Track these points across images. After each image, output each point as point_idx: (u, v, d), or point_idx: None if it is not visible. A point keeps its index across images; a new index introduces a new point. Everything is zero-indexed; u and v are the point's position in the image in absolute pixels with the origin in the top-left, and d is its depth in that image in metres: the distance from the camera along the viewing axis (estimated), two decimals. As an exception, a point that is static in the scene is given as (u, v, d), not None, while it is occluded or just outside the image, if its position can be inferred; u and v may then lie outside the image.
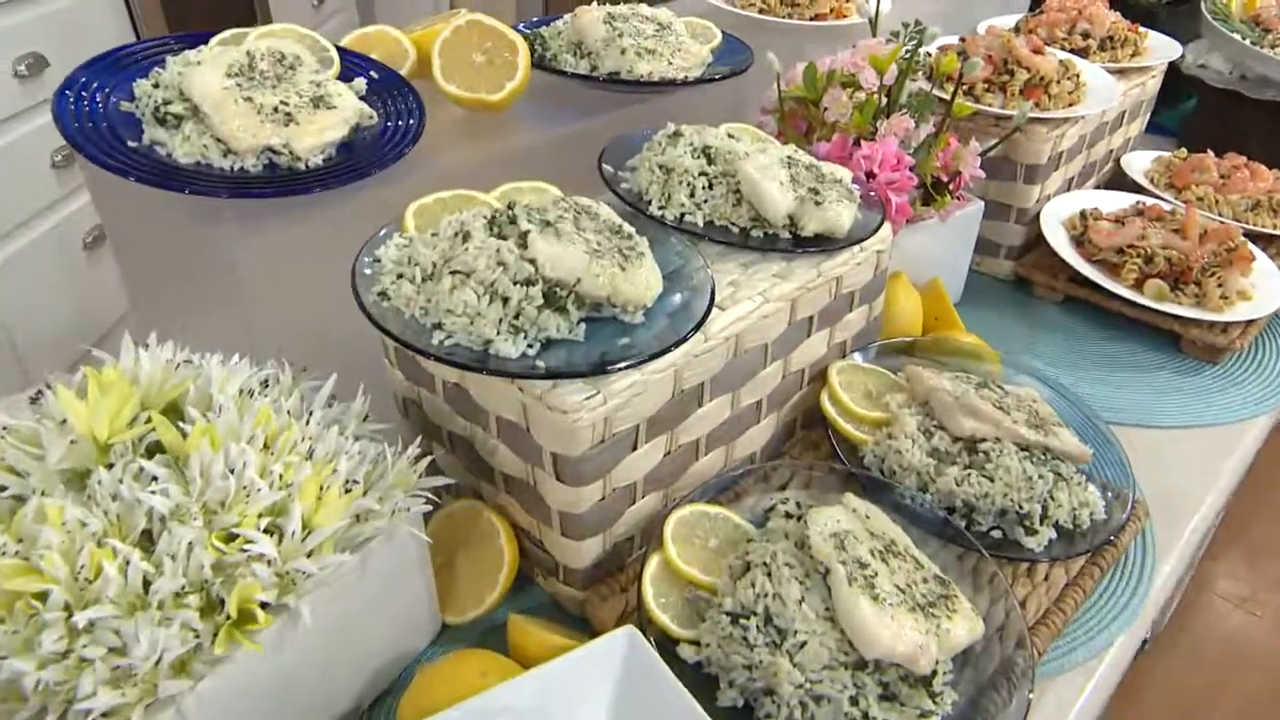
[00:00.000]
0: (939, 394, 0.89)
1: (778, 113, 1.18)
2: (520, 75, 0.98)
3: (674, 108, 1.13)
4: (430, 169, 0.94)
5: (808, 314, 0.89)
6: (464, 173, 0.96)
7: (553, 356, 0.70)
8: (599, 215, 0.81)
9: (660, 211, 0.88)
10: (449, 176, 0.95)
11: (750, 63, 1.16)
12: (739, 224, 0.90)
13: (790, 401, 0.94)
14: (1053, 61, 1.29)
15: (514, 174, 0.93)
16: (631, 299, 0.74)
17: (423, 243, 0.76)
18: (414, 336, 0.69)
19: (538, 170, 1.01)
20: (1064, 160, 1.34)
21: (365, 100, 0.94)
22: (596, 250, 0.74)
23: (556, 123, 1.04)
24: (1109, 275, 1.25)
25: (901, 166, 1.10)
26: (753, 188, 0.88)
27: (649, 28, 1.10)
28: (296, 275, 0.82)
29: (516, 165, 1.00)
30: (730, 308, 0.81)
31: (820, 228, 0.89)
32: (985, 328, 1.26)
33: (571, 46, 1.09)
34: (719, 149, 0.92)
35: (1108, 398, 1.13)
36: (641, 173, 0.92)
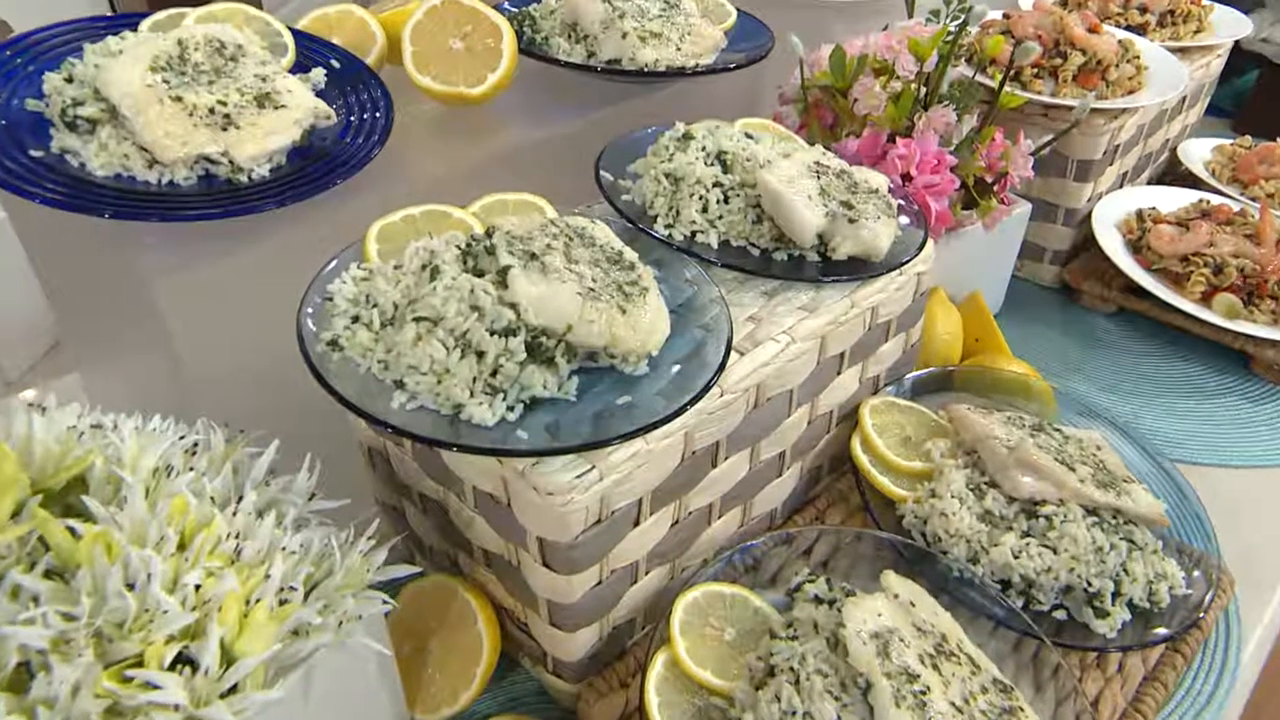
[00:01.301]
0: (990, 444, 0.79)
1: (800, 103, 1.05)
2: (504, 65, 0.86)
3: (683, 99, 1.01)
4: (399, 177, 0.82)
5: (838, 350, 0.78)
6: (439, 181, 0.84)
7: (538, 422, 0.59)
8: (595, 240, 0.70)
9: (667, 230, 0.77)
10: (421, 186, 0.84)
11: (770, 47, 1.04)
12: (760, 244, 0.78)
13: (816, 447, 0.83)
14: (1111, 42, 1.17)
15: (498, 181, 0.82)
16: (633, 349, 0.63)
17: (384, 276, 0.65)
18: (369, 398, 0.58)
19: (526, 176, 0.89)
20: (1119, 154, 1.22)
21: (323, 95, 0.83)
22: (592, 289, 0.63)
23: (547, 119, 0.92)
24: (1171, 287, 1.13)
25: (942, 168, 0.98)
26: (776, 203, 0.77)
27: (654, 6, 0.98)
28: (236, 311, 0.71)
29: (501, 170, 0.88)
30: (750, 351, 0.70)
31: (855, 250, 0.77)
32: (1029, 344, 1.15)
33: (565, 28, 0.97)
34: (736, 155, 0.81)
35: (1170, 430, 1.02)
36: (646, 183, 0.80)
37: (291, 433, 0.62)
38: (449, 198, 0.77)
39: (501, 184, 0.82)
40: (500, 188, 0.81)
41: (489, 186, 0.81)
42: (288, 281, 0.67)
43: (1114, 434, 0.90)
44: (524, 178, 0.87)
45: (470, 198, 0.78)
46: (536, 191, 0.81)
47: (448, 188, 0.83)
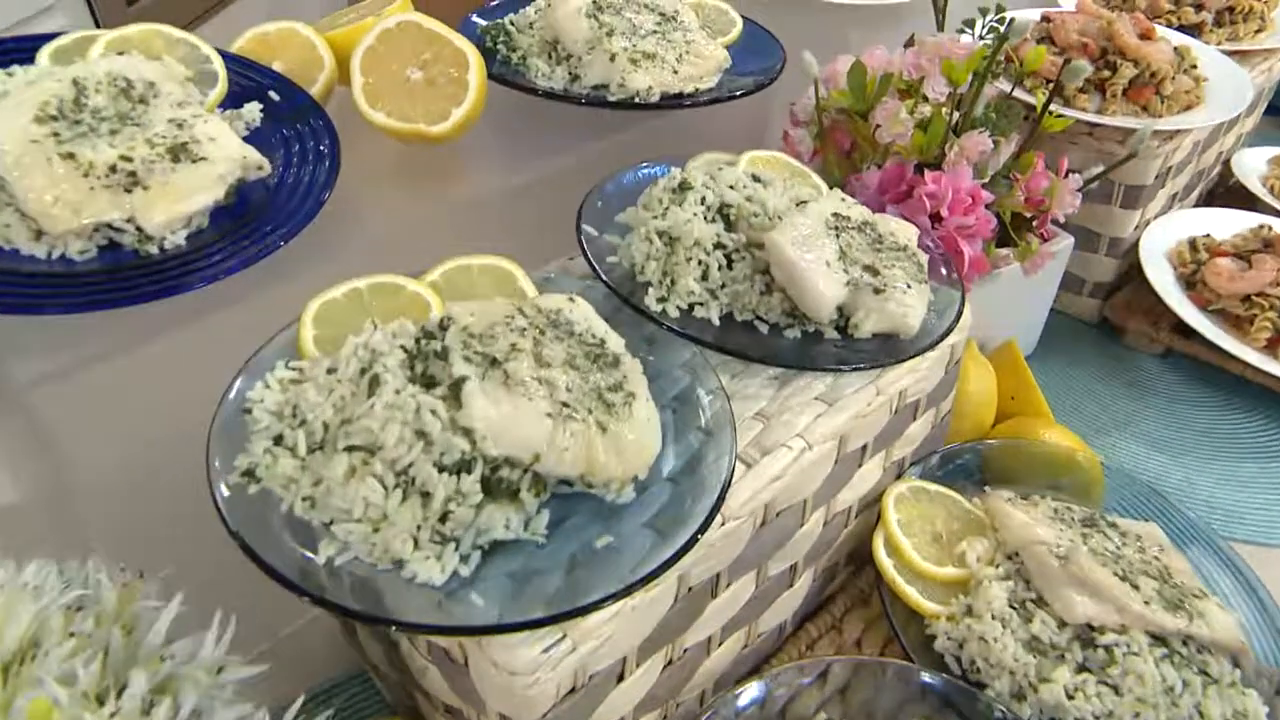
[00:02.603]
0: (1037, 551, 0.69)
1: (814, 126, 0.94)
2: (471, 99, 0.74)
3: (681, 128, 0.90)
4: (347, 236, 0.72)
5: (860, 444, 0.68)
6: (395, 238, 0.74)
7: (498, 574, 0.50)
8: (573, 327, 0.59)
9: (660, 305, 0.66)
10: (373, 246, 0.73)
11: (780, 68, 0.92)
12: (769, 318, 0.68)
13: (833, 545, 0.73)
14: (1166, 50, 1.05)
15: (465, 235, 0.72)
16: (615, 476, 0.53)
17: (316, 383, 0.55)
18: (286, 553, 0.49)
19: (498, 226, 0.79)
20: (1171, 175, 1.10)
21: (257, 137, 0.72)
22: (565, 405, 0.52)
23: (523, 158, 0.82)
24: (1231, 331, 1.03)
25: (977, 206, 0.88)
26: (789, 274, 0.66)
27: (648, 20, 0.86)
28: (137, 418, 0.61)
29: (469, 220, 0.78)
30: (758, 463, 0.60)
31: (881, 327, 0.67)
32: (1066, 391, 1.05)
33: (545, 47, 0.86)
34: (741, 208, 0.70)
35: (1231, 501, 0.92)
36: (636, 243, 0.70)
37: (210, 560, 0.52)
38: (406, 258, 0.67)
39: (469, 237, 0.72)
40: (467, 243, 0.70)
41: (454, 242, 0.70)
42: (201, 381, 0.57)
43: (1172, 521, 0.80)
44: (496, 228, 0.77)
45: (431, 260, 0.68)
46: (510, 245, 0.71)
47: (405, 246, 0.72)
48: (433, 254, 0.68)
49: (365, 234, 0.72)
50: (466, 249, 0.69)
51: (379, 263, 0.66)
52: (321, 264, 0.68)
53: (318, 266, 0.68)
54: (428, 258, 0.68)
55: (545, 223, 0.76)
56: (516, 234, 0.76)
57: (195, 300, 0.62)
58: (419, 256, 0.68)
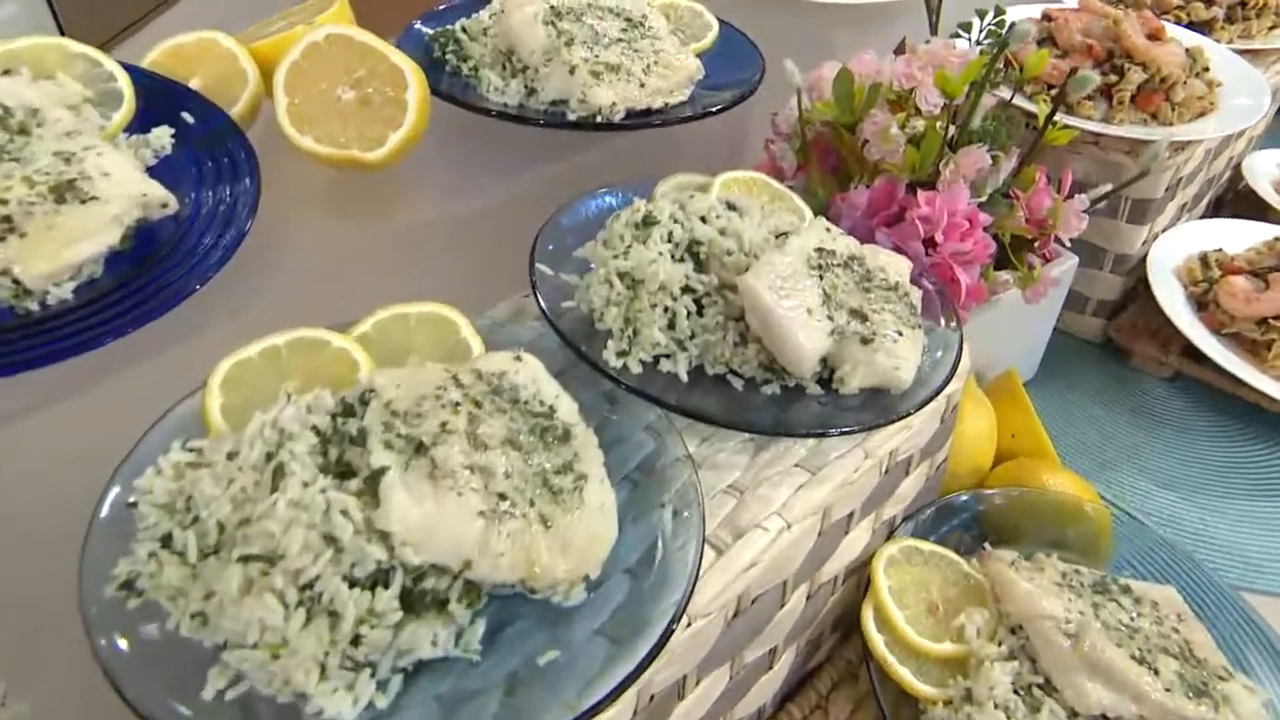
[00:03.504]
0: (1043, 628, 0.62)
1: (798, 140, 0.87)
2: (410, 122, 0.67)
3: (651, 146, 0.83)
4: (269, 277, 0.65)
5: (846, 512, 0.62)
6: (325, 278, 0.67)
7: (423, 700, 0.43)
8: (518, 394, 0.53)
9: (620, 360, 0.59)
10: (301, 288, 0.66)
11: (758, 78, 0.85)
12: (744, 372, 0.61)
13: (818, 618, 0.67)
14: (1177, 53, 0.98)
15: (405, 274, 0.65)
16: (561, 580, 0.46)
17: (214, 469, 0.48)
18: (169, 681, 0.42)
19: (443, 263, 0.72)
20: (1181, 186, 1.04)
21: (166, 167, 0.65)
22: (503, 498, 0.46)
23: (471, 184, 0.74)
24: (1246, 357, 0.96)
25: (975, 230, 0.81)
26: (765, 322, 0.59)
27: (613, 27, 0.79)
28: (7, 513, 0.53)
29: (410, 258, 0.70)
30: (730, 548, 0.53)
31: (869, 381, 0.60)
32: (1068, 420, 0.99)
33: (499, 57, 0.78)
34: (714, 244, 0.63)
35: (1250, 547, 0.86)
36: (595, 287, 0.63)
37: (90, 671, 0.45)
38: (337, 303, 0.60)
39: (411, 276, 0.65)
40: (408, 282, 0.64)
41: (393, 281, 0.64)
42: (88, 461, 0.50)
43: (1189, 578, 0.74)
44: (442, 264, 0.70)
45: (366, 304, 0.60)
46: (458, 283, 0.65)
47: (336, 289, 0.65)
48: (369, 296, 0.61)
49: (290, 277, 0.65)
50: (408, 289, 0.62)
51: (305, 310, 0.59)
52: (237, 315, 0.61)
53: (232, 318, 0.60)
54: (363, 301, 0.61)
55: (498, 255, 0.69)
56: (465, 269, 0.69)
57: (84, 363, 0.54)
58: (352, 300, 0.61)
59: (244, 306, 0.61)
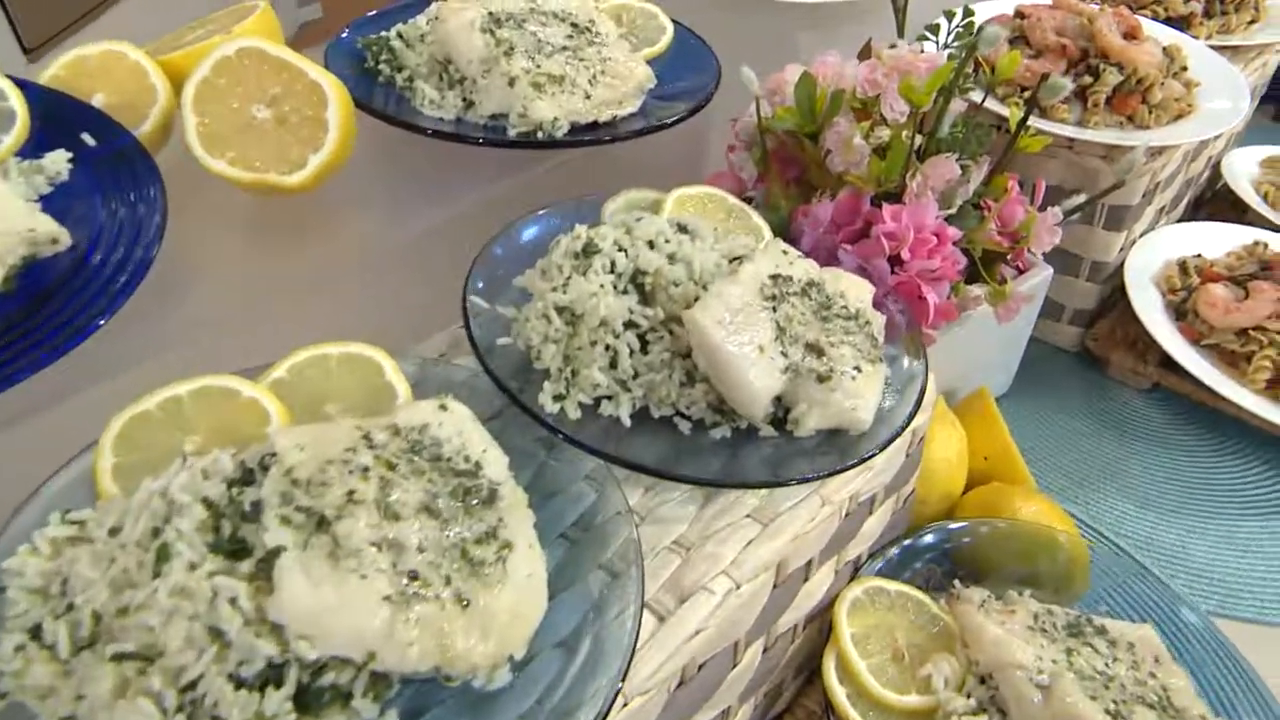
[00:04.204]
0: (1014, 679, 0.59)
1: (758, 150, 0.83)
2: (332, 142, 0.62)
3: (600, 161, 0.78)
4: (175, 315, 0.60)
5: (803, 561, 0.58)
6: (240, 315, 0.62)
7: (323, 809, 0.39)
8: (442, 450, 0.48)
9: (557, 404, 0.55)
10: (212, 326, 0.61)
11: (714, 87, 0.81)
12: (692, 414, 0.57)
13: (776, 670, 0.63)
14: (1154, 53, 0.95)
15: (330, 308, 0.60)
16: (481, 664, 0.42)
17: (95, 549, 0.43)
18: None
19: (372, 294, 0.67)
20: (1159, 190, 1.01)
21: (64, 194, 0.59)
22: (413, 580, 0.41)
23: (407, 206, 0.70)
24: (1226, 369, 0.93)
25: (943, 245, 0.77)
26: (713, 361, 0.55)
27: (557, 34, 0.74)
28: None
29: (336, 290, 0.66)
30: (673, 614, 0.49)
31: (826, 422, 0.57)
32: (1043, 435, 0.96)
33: (436, 67, 0.74)
34: (661, 274, 0.59)
35: (1229, 570, 0.83)
36: (532, 322, 0.58)
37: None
38: (252, 345, 0.56)
39: (337, 310, 0.60)
40: (334, 318, 0.59)
41: (316, 316, 0.59)
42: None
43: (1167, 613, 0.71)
44: (371, 296, 0.66)
45: (286, 343, 0.56)
46: (389, 315, 0.60)
47: (252, 329, 0.61)
48: (288, 335, 0.57)
49: (199, 316, 0.60)
50: (333, 326, 0.58)
51: (216, 353, 0.55)
52: (137, 361, 0.56)
53: (131, 365, 0.56)
54: (282, 341, 0.56)
55: (435, 284, 0.64)
56: (399, 301, 0.65)
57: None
58: (270, 340, 0.56)
59: (145, 351, 0.56)
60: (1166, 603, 0.73)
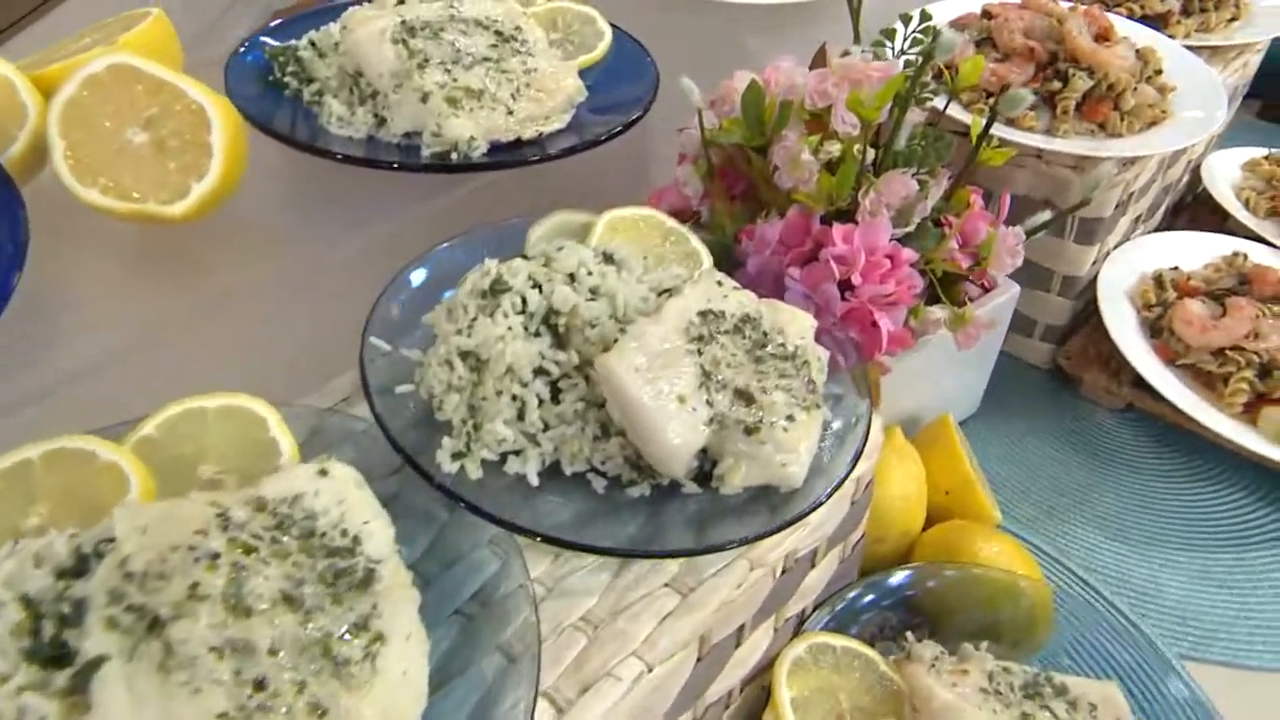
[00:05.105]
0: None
1: (703, 165, 0.78)
2: (217, 170, 0.57)
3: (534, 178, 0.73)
4: (36, 363, 0.54)
5: (733, 629, 0.53)
6: (111, 360, 0.57)
7: None
8: (315, 524, 0.43)
9: (456, 463, 0.50)
10: (83, 374, 0.56)
11: (649, 98, 0.75)
12: (608, 470, 0.52)
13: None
14: (1127, 56, 0.90)
15: (217, 355, 0.55)
16: (341, 782, 0.37)
17: (-99, 651, 0.38)
18: None
19: (266, 339, 0.62)
20: (1133, 200, 0.96)
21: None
22: (259, 689, 0.37)
23: (309, 237, 0.64)
24: (1203, 390, 0.89)
25: (898, 268, 0.72)
26: (628, 415, 0.50)
27: (479, 43, 0.69)
28: None
29: (227, 332, 0.60)
30: (573, 705, 0.44)
31: (755, 479, 0.52)
32: (1013, 459, 0.92)
33: (346, 80, 0.68)
34: (576, 314, 0.54)
35: (1205, 611, 0.78)
36: (433, 369, 0.53)
37: None
38: (126, 397, 0.51)
39: (225, 358, 0.55)
40: (219, 367, 0.54)
41: (200, 366, 0.54)
42: None
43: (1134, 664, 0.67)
44: (266, 335, 0.60)
45: (164, 393, 0.51)
46: (287, 363, 0.55)
47: (127, 378, 0.55)
48: (169, 384, 0.52)
49: (66, 364, 0.55)
50: (222, 371, 0.53)
51: (84, 407, 0.49)
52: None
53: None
54: (162, 389, 0.51)
55: (341, 322, 0.59)
56: (300, 342, 0.59)
57: None
58: (148, 389, 0.51)
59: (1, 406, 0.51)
60: (1132, 647, 0.69)
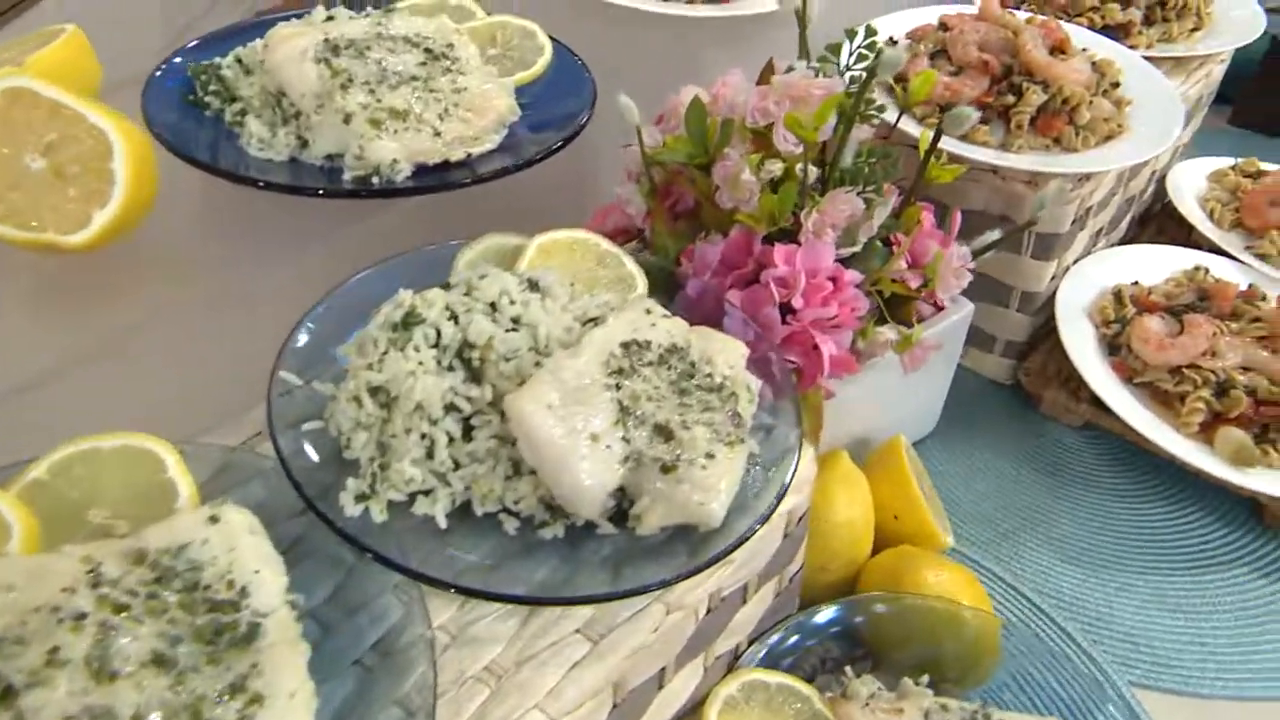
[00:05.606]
0: (894, 798, 0.53)
1: (645, 183, 0.77)
2: (119, 198, 0.55)
3: (458, 203, 0.71)
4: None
5: (652, 672, 0.52)
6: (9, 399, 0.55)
7: None
8: (200, 577, 0.42)
9: (359, 505, 0.49)
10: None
11: (585, 116, 0.74)
12: (521, 510, 0.51)
13: (637, 780, 0.57)
14: (1082, 70, 0.89)
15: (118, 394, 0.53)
16: None
17: None
18: None
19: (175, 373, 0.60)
20: (1092, 215, 0.95)
21: None
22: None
23: (226, 264, 0.63)
24: (1160, 410, 0.88)
25: (841, 290, 0.71)
26: (536, 452, 0.49)
27: (408, 62, 0.67)
28: None
29: (134, 366, 0.59)
30: (470, 764, 0.43)
31: (672, 519, 0.50)
32: (970, 478, 0.90)
33: (269, 100, 0.66)
34: (491, 347, 0.52)
35: (1158, 636, 0.77)
36: (342, 405, 0.52)
37: None
38: (20, 437, 0.49)
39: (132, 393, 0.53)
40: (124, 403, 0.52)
41: (105, 403, 0.52)
42: None
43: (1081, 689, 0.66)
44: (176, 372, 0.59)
45: (60, 431, 0.49)
46: (197, 398, 0.53)
47: (24, 416, 0.54)
48: (67, 422, 0.50)
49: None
50: (129, 407, 0.51)
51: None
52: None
53: None
54: (59, 428, 0.49)
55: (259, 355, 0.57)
56: (214, 373, 0.58)
57: None
58: (46, 427, 0.49)
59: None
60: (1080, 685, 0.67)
